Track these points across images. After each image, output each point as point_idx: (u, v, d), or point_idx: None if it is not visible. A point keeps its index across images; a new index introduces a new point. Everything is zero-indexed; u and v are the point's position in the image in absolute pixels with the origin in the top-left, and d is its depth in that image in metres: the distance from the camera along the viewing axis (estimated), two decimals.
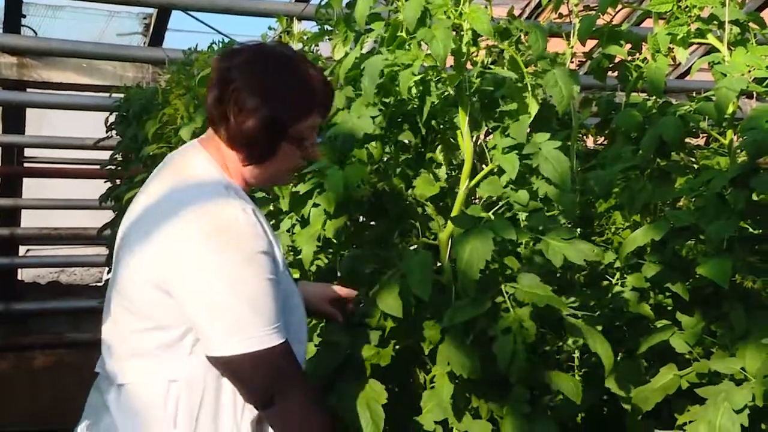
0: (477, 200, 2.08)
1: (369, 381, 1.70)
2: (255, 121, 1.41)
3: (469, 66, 1.83)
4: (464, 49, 1.73)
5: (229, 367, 1.35)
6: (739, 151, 1.94)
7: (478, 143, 1.88)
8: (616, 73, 2.21)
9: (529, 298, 1.64)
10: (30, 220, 5.57)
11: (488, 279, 1.69)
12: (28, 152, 5.56)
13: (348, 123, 1.81)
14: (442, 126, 2.03)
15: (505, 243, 1.68)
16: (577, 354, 1.93)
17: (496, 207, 1.78)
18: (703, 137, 2.47)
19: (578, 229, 2.15)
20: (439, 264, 1.88)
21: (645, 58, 2.10)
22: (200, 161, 1.46)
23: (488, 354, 1.66)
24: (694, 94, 2.07)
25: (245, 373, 1.35)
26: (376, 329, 1.76)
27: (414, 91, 1.88)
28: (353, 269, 1.90)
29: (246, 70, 1.41)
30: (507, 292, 1.65)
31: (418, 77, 1.72)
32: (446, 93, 1.91)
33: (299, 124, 1.45)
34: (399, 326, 1.77)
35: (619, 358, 1.89)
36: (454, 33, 1.69)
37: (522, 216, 1.79)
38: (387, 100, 1.91)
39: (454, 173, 2.10)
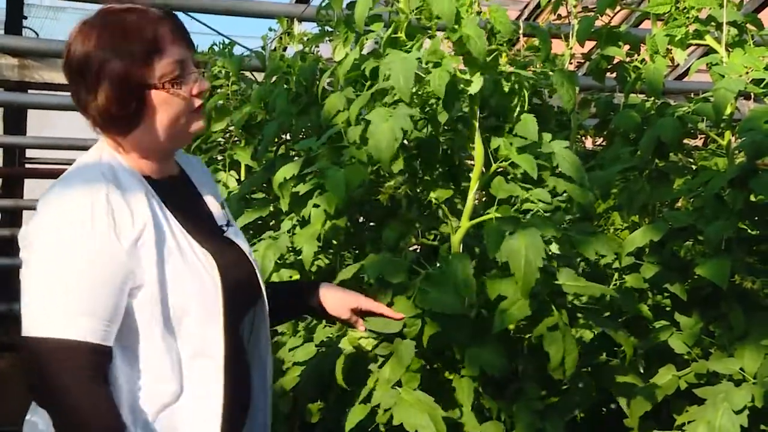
0: (477, 201, 2.09)
1: (418, 392, 1.67)
2: (105, 89, 1.31)
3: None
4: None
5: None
6: (737, 152, 1.95)
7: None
8: (614, 74, 2.22)
9: (579, 291, 1.66)
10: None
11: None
12: (30, 153, 5.56)
13: (381, 125, 1.72)
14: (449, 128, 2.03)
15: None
16: None
17: (515, 206, 1.78)
18: (701, 138, 2.48)
19: None
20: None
21: (643, 59, 2.11)
22: (91, 150, 1.40)
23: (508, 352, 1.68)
24: (692, 95, 2.08)
25: (25, 359, 1.29)
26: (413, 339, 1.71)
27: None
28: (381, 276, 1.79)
29: (73, 51, 1.33)
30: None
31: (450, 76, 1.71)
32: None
33: (154, 66, 1.32)
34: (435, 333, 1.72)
35: (619, 359, 1.90)
36: None
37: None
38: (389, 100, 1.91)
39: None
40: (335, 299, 1.66)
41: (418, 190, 1.96)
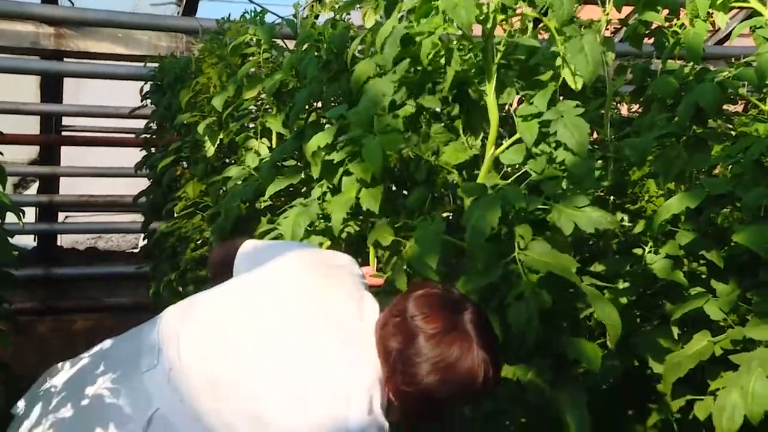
0: (510, 168, 2.07)
1: None
2: (416, 397, 1.43)
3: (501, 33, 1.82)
4: (490, 17, 1.71)
5: None
6: None
7: (511, 112, 1.87)
8: (652, 40, 2.17)
9: (540, 266, 1.65)
10: (67, 187, 5.66)
11: (502, 247, 1.71)
12: (66, 121, 5.63)
13: (372, 88, 1.82)
14: (474, 94, 2.02)
15: (520, 211, 1.70)
16: None
17: (516, 175, 1.78)
18: (741, 104, 2.42)
19: (611, 197, 2.13)
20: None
21: (683, 24, 2.06)
22: (367, 350, 1.47)
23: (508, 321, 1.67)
24: (733, 60, 2.03)
25: None
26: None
27: (442, 60, 1.87)
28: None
29: (435, 358, 1.42)
30: (520, 260, 1.66)
31: (441, 45, 1.71)
32: (476, 61, 1.90)
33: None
34: None
35: (654, 325, 1.89)
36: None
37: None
38: (412, 68, 1.90)
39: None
40: None
41: (429, 155, 1.95)
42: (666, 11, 2.12)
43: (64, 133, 5.64)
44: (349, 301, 1.55)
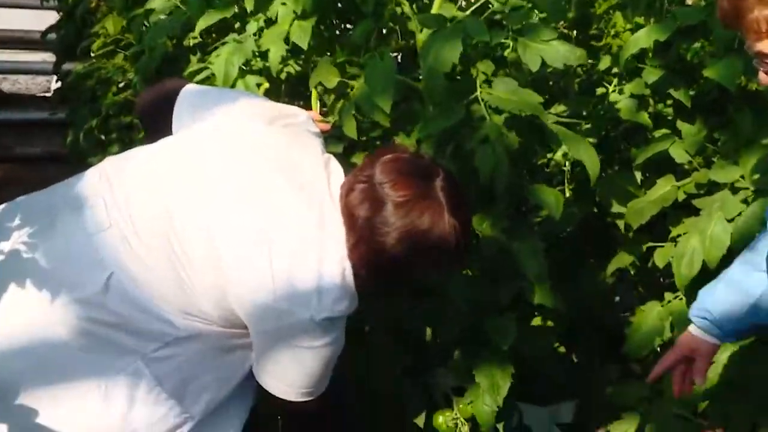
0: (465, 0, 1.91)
1: None
2: (383, 267, 1.37)
3: None
4: None
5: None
6: None
7: None
8: None
9: (505, 105, 1.56)
10: None
11: (462, 85, 1.62)
12: None
13: None
14: None
15: (480, 46, 1.61)
16: (567, 167, 1.86)
17: (475, 5, 1.67)
18: None
19: (574, 32, 2.01)
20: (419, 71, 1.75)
21: None
22: (343, 264, 1.36)
23: (467, 168, 1.59)
24: None
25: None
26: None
27: None
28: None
29: (405, 228, 1.34)
30: (483, 99, 1.56)
31: None
32: None
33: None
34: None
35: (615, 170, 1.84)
36: None
37: None
38: None
39: None
40: None
41: None
42: None
43: None
44: (315, 161, 1.46)
